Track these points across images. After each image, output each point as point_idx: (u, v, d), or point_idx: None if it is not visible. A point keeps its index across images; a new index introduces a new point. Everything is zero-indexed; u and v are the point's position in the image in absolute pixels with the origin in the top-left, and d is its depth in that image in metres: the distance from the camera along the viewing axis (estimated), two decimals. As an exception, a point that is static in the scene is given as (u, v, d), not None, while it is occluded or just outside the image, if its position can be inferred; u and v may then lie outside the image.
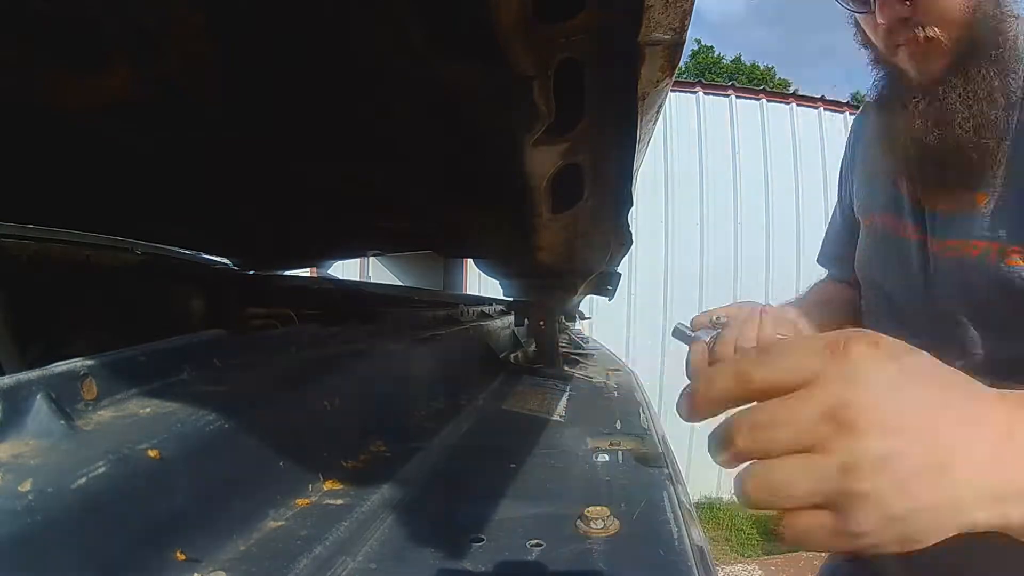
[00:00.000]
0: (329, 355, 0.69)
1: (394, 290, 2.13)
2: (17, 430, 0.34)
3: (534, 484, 0.56)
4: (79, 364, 0.40)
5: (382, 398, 0.69)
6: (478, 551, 0.42)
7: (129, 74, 0.47)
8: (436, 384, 0.82)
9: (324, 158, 0.66)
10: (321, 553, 0.39)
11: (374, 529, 0.44)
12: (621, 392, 1.02)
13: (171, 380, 0.47)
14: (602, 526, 0.45)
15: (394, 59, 0.44)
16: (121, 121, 0.57)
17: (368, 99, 0.52)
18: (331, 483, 0.50)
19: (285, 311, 1.01)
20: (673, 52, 0.38)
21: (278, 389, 0.54)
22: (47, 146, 0.63)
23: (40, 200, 0.82)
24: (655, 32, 0.36)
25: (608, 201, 0.60)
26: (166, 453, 0.37)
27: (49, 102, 0.52)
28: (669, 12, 0.35)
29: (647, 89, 0.42)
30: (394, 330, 0.92)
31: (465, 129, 0.53)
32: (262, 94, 0.52)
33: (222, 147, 0.63)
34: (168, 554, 0.34)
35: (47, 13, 0.41)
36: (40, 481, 0.30)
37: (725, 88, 5.46)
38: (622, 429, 0.77)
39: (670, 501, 0.51)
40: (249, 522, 0.41)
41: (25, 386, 0.35)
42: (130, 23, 0.43)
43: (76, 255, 0.99)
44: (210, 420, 0.42)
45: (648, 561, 0.42)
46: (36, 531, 0.28)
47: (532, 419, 0.81)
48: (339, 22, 0.41)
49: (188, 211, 0.89)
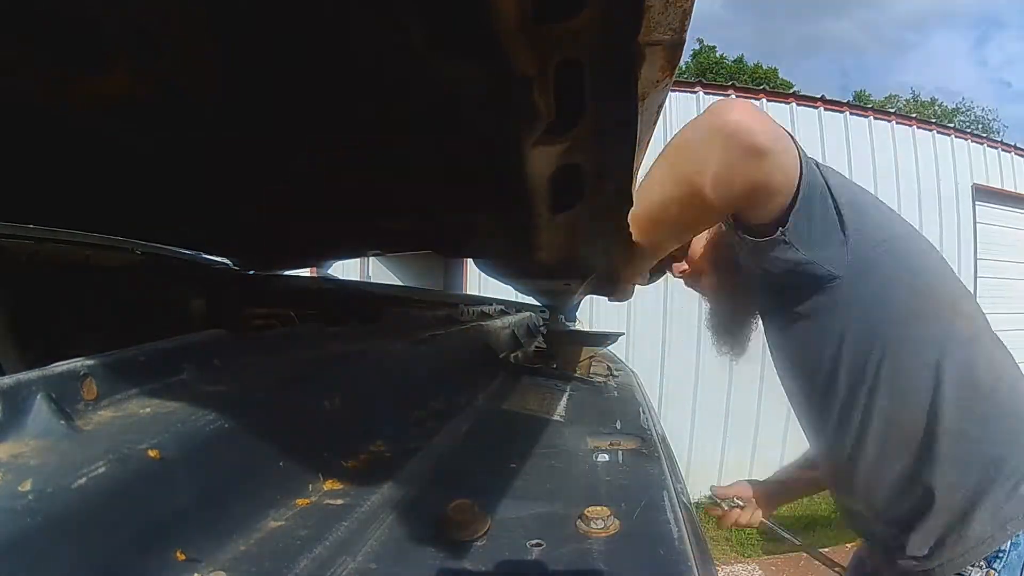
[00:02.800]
0: (329, 355, 0.69)
1: (394, 290, 2.13)
2: (17, 430, 0.34)
3: (534, 484, 0.56)
4: (79, 364, 0.40)
5: (382, 398, 0.69)
6: (478, 551, 0.42)
7: (129, 74, 0.47)
8: (436, 384, 0.82)
9: (324, 158, 0.66)
10: (321, 553, 0.39)
11: (374, 529, 0.44)
12: (621, 392, 1.02)
13: (171, 380, 0.47)
14: (602, 526, 0.45)
15: (394, 59, 0.44)
16: (121, 121, 0.57)
17: (368, 99, 0.52)
18: (331, 483, 0.50)
19: (285, 311, 1.01)
20: (673, 52, 0.38)
21: (278, 389, 0.54)
22: (47, 146, 0.63)
23: (40, 200, 0.82)
24: (655, 32, 0.36)
25: (608, 201, 0.60)
26: (166, 453, 0.37)
27: (49, 102, 0.52)
28: (669, 12, 0.35)
29: (647, 89, 0.42)
30: (394, 330, 0.92)
31: (465, 129, 0.53)
32: (262, 94, 0.51)
33: (222, 147, 0.63)
34: (168, 554, 0.34)
35: (47, 13, 0.41)
36: (40, 481, 0.30)
37: (725, 88, 5.46)
38: (622, 429, 0.77)
39: (670, 501, 0.51)
40: (249, 522, 0.41)
41: (25, 386, 0.35)
42: (130, 23, 0.42)
43: (76, 255, 0.99)
44: (210, 420, 0.42)
45: (648, 561, 0.42)
46: (36, 531, 0.28)
47: (532, 419, 0.81)
48: (339, 22, 0.41)
49: (188, 211, 0.89)
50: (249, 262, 1.28)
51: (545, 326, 1.57)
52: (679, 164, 0.85)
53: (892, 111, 6.41)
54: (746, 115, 0.79)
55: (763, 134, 0.79)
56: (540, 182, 0.57)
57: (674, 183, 0.85)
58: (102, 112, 0.54)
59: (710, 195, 0.81)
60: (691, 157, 0.84)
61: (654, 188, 0.86)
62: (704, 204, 0.83)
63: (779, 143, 0.81)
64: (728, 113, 0.80)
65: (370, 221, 0.95)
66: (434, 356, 0.88)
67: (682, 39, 0.36)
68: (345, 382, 0.62)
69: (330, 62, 0.46)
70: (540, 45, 0.38)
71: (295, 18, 0.42)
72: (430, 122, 0.53)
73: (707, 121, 0.83)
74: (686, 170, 0.83)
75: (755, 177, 0.81)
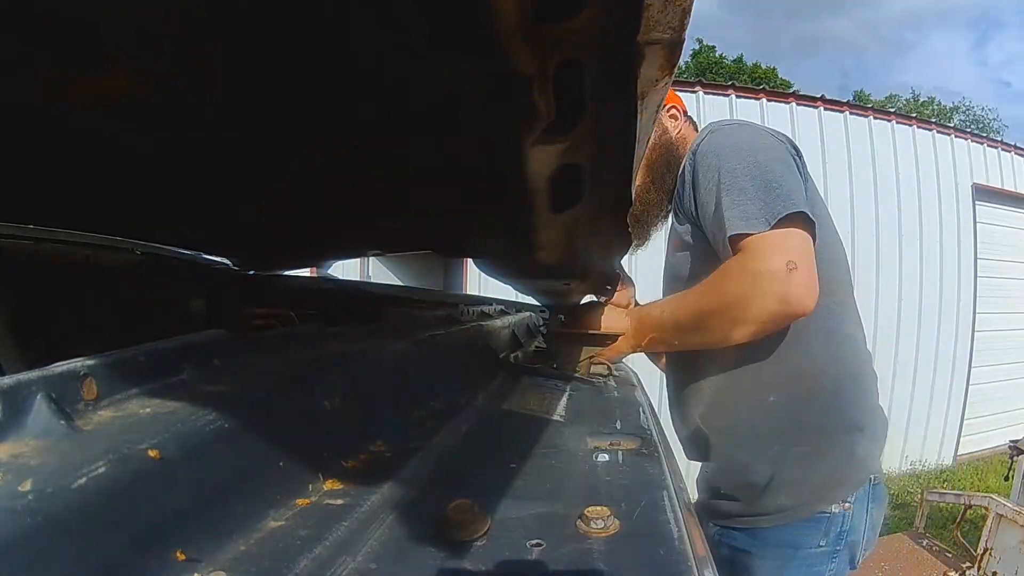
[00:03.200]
0: (329, 355, 0.69)
1: (394, 290, 2.13)
2: (17, 430, 0.34)
3: (534, 484, 0.56)
4: (79, 364, 0.40)
5: (382, 398, 0.69)
6: (478, 551, 0.42)
7: (129, 74, 0.47)
8: (436, 384, 0.82)
9: (324, 158, 0.66)
10: (321, 553, 0.39)
11: (374, 529, 0.44)
12: (621, 392, 1.02)
13: (171, 380, 0.47)
14: (602, 526, 0.45)
15: (394, 59, 0.44)
16: (121, 121, 0.57)
17: (368, 99, 0.52)
18: (331, 483, 0.50)
19: (285, 311, 1.01)
20: (672, 51, 0.38)
21: (278, 389, 0.54)
22: (47, 146, 0.63)
23: (40, 200, 0.82)
24: (654, 31, 0.36)
25: (608, 201, 0.60)
26: (166, 453, 0.37)
27: (49, 102, 0.52)
28: (668, 11, 0.35)
29: (647, 88, 0.42)
30: (394, 330, 0.92)
31: (465, 129, 0.53)
32: (262, 94, 0.51)
33: (222, 147, 0.63)
34: (168, 554, 0.34)
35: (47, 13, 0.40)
36: (40, 481, 0.30)
37: (725, 88, 5.46)
38: (622, 429, 0.77)
39: (670, 501, 0.51)
40: (249, 522, 0.41)
41: (25, 386, 0.35)
42: (130, 23, 0.42)
43: (76, 255, 0.99)
44: (210, 420, 0.42)
45: (648, 561, 0.42)
46: (36, 531, 0.28)
47: (532, 419, 0.81)
48: (339, 22, 0.41)
49: (188, 211, 0.89)
50: (249, 262, 1.28)
51: (545, 326, 1.57)
52: (724, 324, 0.99)
53: (892, 111, 6.41)
54: (804, 289, 0.92)
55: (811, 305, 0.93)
56: (540, 182, 0.57)
57: (708, 335, 1.02)
58: (102, 112, 0.54)
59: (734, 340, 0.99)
60: (738, 317, 0.96)
61: (690, 317, 1.03)
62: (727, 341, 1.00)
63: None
64: (788, 288, 0.91)
65: (370, 221, 0.95)
66: (434, 356, 0.88)
67: (681, 38, 0.36)
68: (345, 382, 0.62)
69: (330, 62, 0.46)
70: (540, 45, 0.38)
71: (295, 18, 0.42)
72: (430, 122, 0.53)
73: (767, 292, 0.93)
74: (727, 328, 0.98)
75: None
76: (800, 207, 0.94)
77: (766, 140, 1.07)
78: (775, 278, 0.91)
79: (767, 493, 1.05)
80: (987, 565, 3.09)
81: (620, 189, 0.57)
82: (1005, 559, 2.99)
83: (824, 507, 1.04)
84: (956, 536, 3.62)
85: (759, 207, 0.94)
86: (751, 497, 1.07)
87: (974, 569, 3.17)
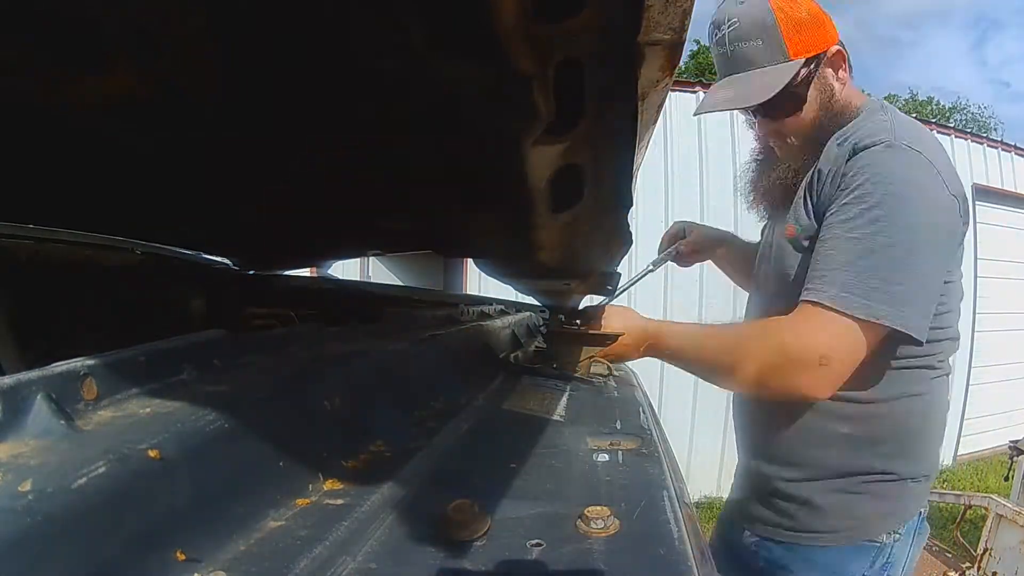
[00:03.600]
0: (329, 355, 0.69)
1: (394, 290, 2.13)
2: (17, 430, 0.34)
3: (534, 484, 0.56)
4: (79, 364, 0.40)
5: (382, 398, 0.69)
6: (478, 551, 0.42)
7: (129, 74, 0.47)
8: (436, 384, 0.82)
9: (324, 158, 0.66)
10: (321, 553, 0.39)
11: (374, 529, 0.44)
12: (621, 392, 1.02)
13: (171, 380, 0.47)
14: (602, 526, 0.45)
15: (394, 59, 0.44)
16: (121, 121, 0.57)
17: (368, 99, 0.52)
18: (331, 483, 0.50)
19: (285, 311, 1.01)
20: (673, 52, 0.38)
21: (278, 389, 0.54)
22: (47, 146, 0.63)
23: (40, 200, 0.82)
24: (655, 32, 0.36)
25: (608, 201, 0.60)
26: (166, 453, 0.37)
27: (49, 102, 0.52)
28: (669, 12, 0.35)
29: (647, 89, 0.42)
30: (394, 330, 0.92)
31: (465, 129, 0.53)
32: (262, 94, 0.51)
33: (222, 147, 0.63)
34: (168, 554, 0.34)
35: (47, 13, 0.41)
36: (40, 481, 0.30)
37: (725, 88, 5.45)
38: (622, 429, 0.77)
39: (670, 501, 0.51)
40: (249, 522, 0.41)
41: (25, 386, 0.35)
42: (130, 23, 0.42)
43: (76, 255, 0.99)
44: (210, 420, 0.42)
45: (648, 561, 0.42)
46: (36, 531, 0.28)
47: (532, 419, 0.81)
48: (339, 22, 0.41)
49: (188, 211, 0.89)
50: (249, 262, 1.28)
51: (545, 326, 1.57)
52: (736, 379, 1.03)
53: (892, 111, 6.39)
54: (822, 386, 0.94)
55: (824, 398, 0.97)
56: (540, 182, 0.57)
57: (718, 379, 1.09)
58: (102, 112, 0.54)
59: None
60: (749, 380, 0.99)
61: (709, 362, 1.08)
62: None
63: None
64: (802, 380, 0.94)
65: (370, 221, 0.95)
66: (434, 356, 0.89)
67: (682, 39, 0.37)
68: (345, 382, 0.62)
69: (330, 62, 0.46)
70: (540, 45, 0.38)
71: (295, 18, 0.42)
72: (430, 122, 0.53)
73: (786, 374, 0.95)
74: (736, 383, 1.06)
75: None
76: (898, 325, 0.88)
77: (940, 202, 0.93)
78: (800, 366, 0.92)
79: (821, 514, 1.02)
80: (987, 565, 3.09)
81: (620, 189, 0.57)
82: (1005, 559, 2.99)
83: (875, 536, 1.01)
84: (956, 536, 3.62)
85: (862, 291, 0.88)
86: (802, 514, 1.04)
87: (974, 569, 3.17)
